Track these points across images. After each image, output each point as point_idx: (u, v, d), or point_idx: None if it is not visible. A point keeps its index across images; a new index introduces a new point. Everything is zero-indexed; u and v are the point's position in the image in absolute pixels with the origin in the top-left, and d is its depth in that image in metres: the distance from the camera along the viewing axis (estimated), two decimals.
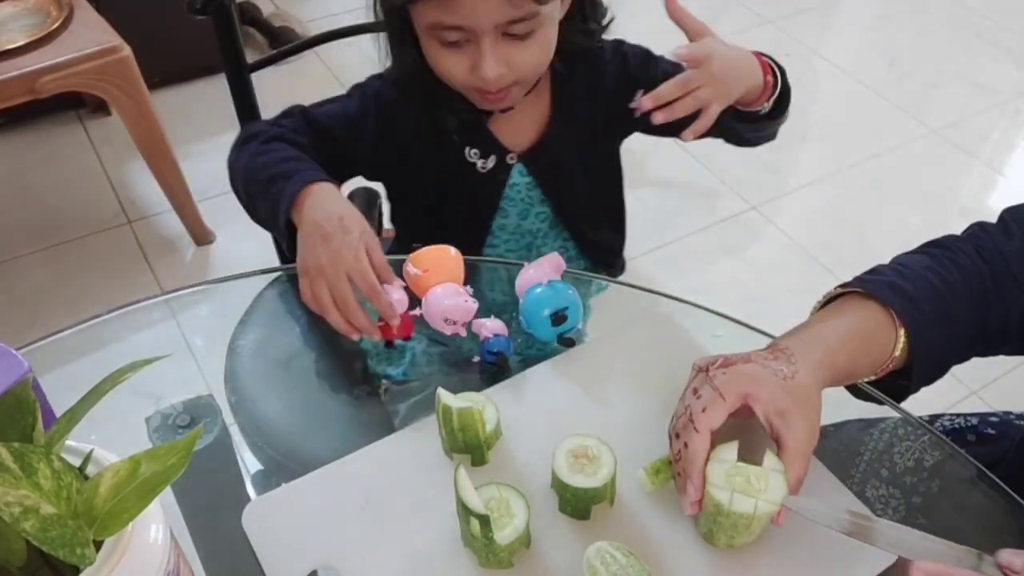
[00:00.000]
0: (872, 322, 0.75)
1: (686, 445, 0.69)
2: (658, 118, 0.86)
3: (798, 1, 3.03)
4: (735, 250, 2.20)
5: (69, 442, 0.57)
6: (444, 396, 0.74)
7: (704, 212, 2.27)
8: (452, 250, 0.87)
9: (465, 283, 0.86)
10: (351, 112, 1.03)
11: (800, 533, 0.71)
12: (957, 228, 0.85)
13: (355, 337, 0.84)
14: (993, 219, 0.84)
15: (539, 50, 0.92)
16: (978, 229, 0.82)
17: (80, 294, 1.95)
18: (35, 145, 2.32)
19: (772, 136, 1.03)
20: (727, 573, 0.69)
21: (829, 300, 0.80)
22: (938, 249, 0.81)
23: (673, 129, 0.90)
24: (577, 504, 0.72)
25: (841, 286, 0.79)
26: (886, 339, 0.75)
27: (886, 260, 0.83)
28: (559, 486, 0.72)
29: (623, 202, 1.19)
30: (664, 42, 0.96)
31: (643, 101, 0.85)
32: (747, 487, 0.67)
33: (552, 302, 0.85)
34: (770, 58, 0.96)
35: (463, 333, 0.86)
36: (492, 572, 0.69)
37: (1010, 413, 1.00)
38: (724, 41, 0.90)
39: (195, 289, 1.00)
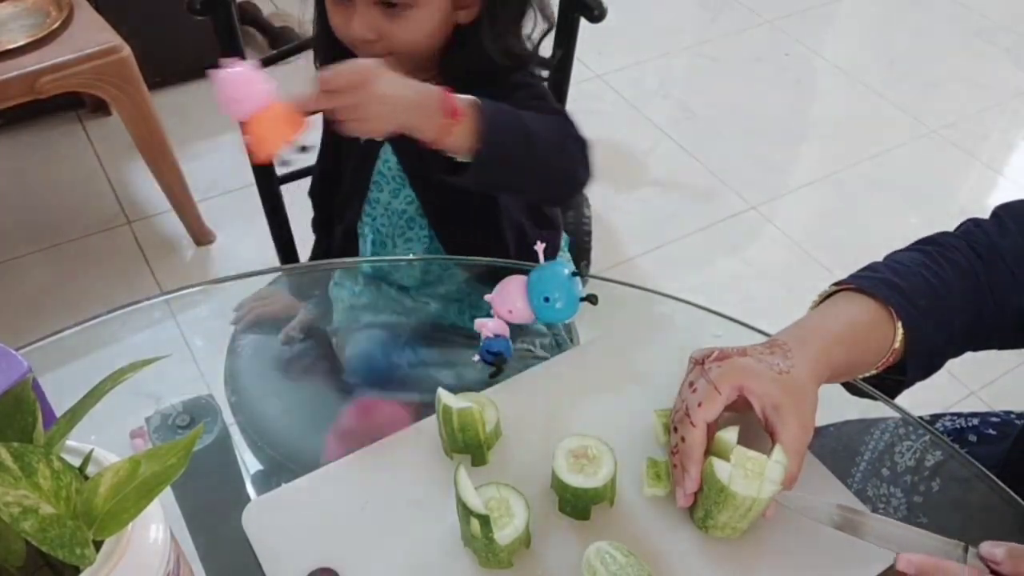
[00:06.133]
0: (868, 317, 0.75)
1: (683, 439, 0.69)
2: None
3: (798, 1, 3.02)
4: (735, 250, 2.19)
5: (69, 442, 0.57)
6: (444, 396, 0.74)
7: (704, 212, 2.27)
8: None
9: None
10: None
11: (800, 533, 0.71)
12: None
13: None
14: None
15: (410, 28, 0.95)
16: (971, 225, 0.83)
17: (80, 294, 1.95)
18: (35, 145, 2.32)
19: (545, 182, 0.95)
20: (727, 573, 0.70)
21: (825, 298, 0.80)
22: (931, 246, 0.82)
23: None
24: (577, 504, 0.72)
25: (836, 283, 0.79)
26: (883, 334, 0.75)
27: None
28: (559, 486, 0.72)
29: (500, 212, 1.10)
30: (663, 42, 0.96)
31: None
32: (747, 471, 0.67)
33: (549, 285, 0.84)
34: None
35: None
36: (492, 572, 0.69)
37: (1011, 413, 1.00)
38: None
39: (195, 289, 1.00)
